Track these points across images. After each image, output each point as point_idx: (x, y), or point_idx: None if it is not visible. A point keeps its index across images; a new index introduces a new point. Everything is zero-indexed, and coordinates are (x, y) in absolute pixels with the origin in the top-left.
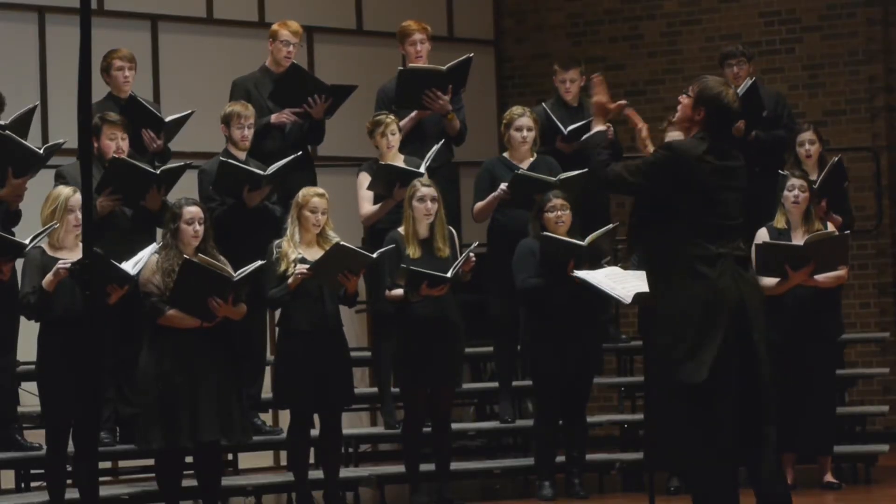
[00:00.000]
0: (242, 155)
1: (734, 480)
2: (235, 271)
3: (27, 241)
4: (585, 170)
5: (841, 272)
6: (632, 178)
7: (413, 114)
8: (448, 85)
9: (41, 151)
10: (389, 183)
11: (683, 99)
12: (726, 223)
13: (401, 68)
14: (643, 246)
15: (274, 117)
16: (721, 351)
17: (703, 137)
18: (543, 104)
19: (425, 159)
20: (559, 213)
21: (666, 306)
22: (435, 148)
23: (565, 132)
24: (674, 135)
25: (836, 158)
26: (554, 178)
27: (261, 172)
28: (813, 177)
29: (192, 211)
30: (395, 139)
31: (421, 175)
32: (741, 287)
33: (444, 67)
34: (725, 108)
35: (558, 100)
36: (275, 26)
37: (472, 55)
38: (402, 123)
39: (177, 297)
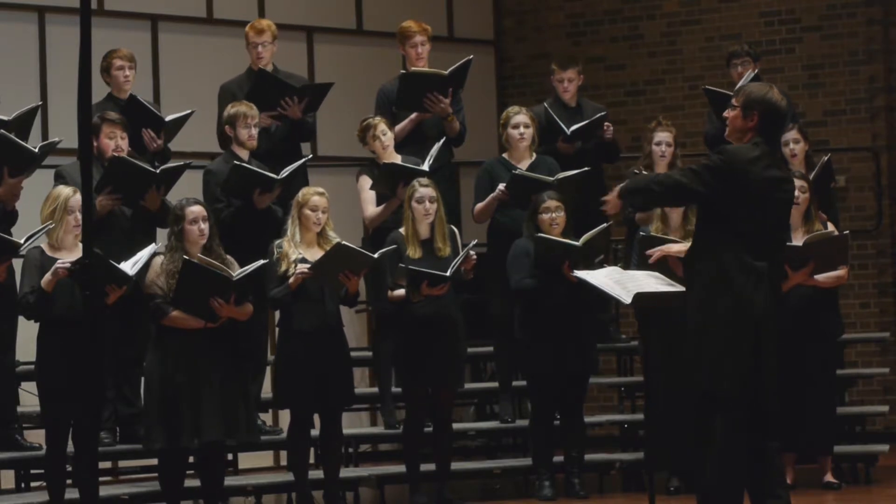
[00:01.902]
0: (246, 155)
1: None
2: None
3: (22, 241)
4: (584, 169)
5: (841, 272)
6: (691, 184)
7: (413, 115)
8: (448, 88)
9: (36, 150)
10: (393, 182)
11: (730, 112)
12: (773, 235)
13: (403, 72)
14: (692, 260)
15: None
16: (754, 365)
17: (756, 143)
18: (545, 104)
19: (428, 157)
20: (553, 214)
21: (700, 316)
22: (437, 145)
23: (568, 132)
24: (662, 136)
25: (826, 157)
26: (552, 179)
27: (274, 175)
28: None
29: (196, 210)
30: (387, 139)
31: (424, 173)
32: (771, 302)
33: (446, 72)
34: (776, 107)
35: (557, 100)
36: (245, 28)
37: (472, 57)
38: (402, 125)
39: (179, 298)
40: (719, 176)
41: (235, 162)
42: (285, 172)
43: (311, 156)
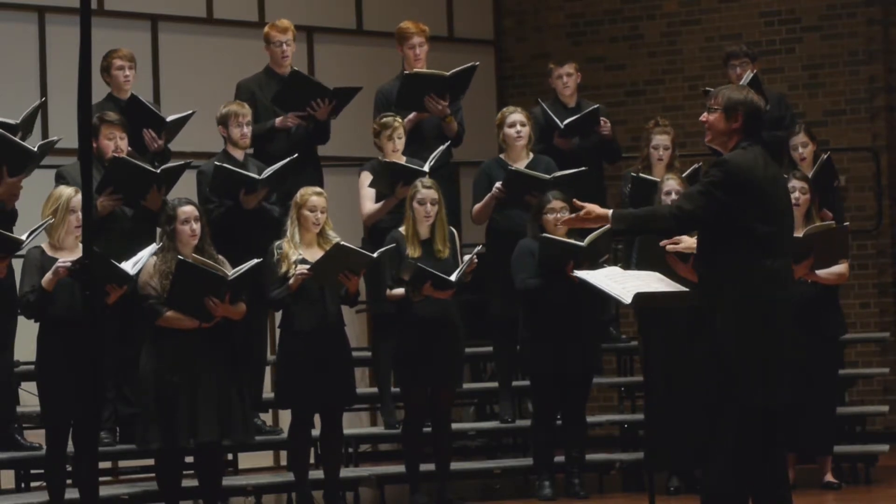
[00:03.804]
0: (241, 154)
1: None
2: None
3: (24, 237)
4: (581, 168)
5: (842, 269)
6: (701, 212)
7: (411, 115)
8: (449, 90)
9: (35, 150)
10: (392, 181)
11: (708, 116)
12: (784, 234)
13: (406, 73)
14: (704, 264)
15: (279, 121)
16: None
17: (745, 147)
18: (541, 102)
19: (430, 159)
20: (558, 214)
21: (728, 324)
22: (441, 149)
23: (562, 126)
24: (660, 139)
25: (825, 156)
26: (548, 177)
27: (255, 176)
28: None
29: (188, 210)
30: (401, 143)
31: (424, 174)
32: (791, 303)
33: (448, 73)
34: (758, 106)
35: (556, 100)
36: (266, 29)
37: (477, 63)
38: None
39: (174, 298)
40: (729, 189)
41: (216, 162)
42: (266, 173)
43: (296, 155)
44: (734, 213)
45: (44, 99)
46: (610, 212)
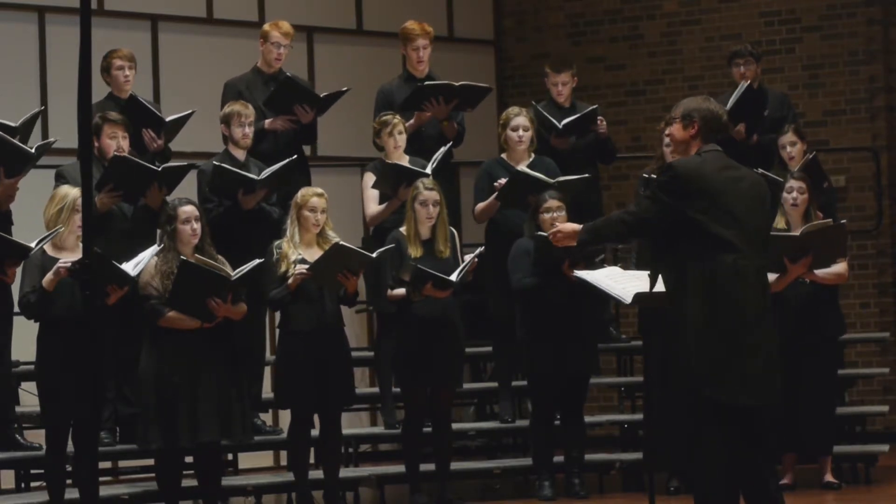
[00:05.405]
0: (242, 154)
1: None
2: (233, 272)
3: (33, 245)
4: (584, 175)
5: (842, 269)
6: (649, 215)
7: (412, 121)
8: (455, 98)
9: (33, 151)
10: (395, 182)
11: (671, 129)
12: (746, 235)
13: (419, 85)
14: (666, 266)
15: (268, 124)
16: (757, 367)
17: (700, 153)
18: (534, 103)
19: (432, 160)
20: (555, 214)
21: (691, 322)
22: (443, 150)
23: (560, 126)
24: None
25: (811, 155)
26: (552, 181)
27: (254, 177)
28: None
29: (188, 210)
30: (401, 139)
31: (427, 175)
32: (763, 299)
33: (458, 84)
34: (715, 113)
35: (551, 101)
36: (266, 27)
37: (491, 88)
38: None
39: (176, 298)
40: (674, 192)
41: (215, 162)
42: (265, 174)
43: (295, 157)
44: (683, 215)
45: (43, 107)
46: (580, 226)
